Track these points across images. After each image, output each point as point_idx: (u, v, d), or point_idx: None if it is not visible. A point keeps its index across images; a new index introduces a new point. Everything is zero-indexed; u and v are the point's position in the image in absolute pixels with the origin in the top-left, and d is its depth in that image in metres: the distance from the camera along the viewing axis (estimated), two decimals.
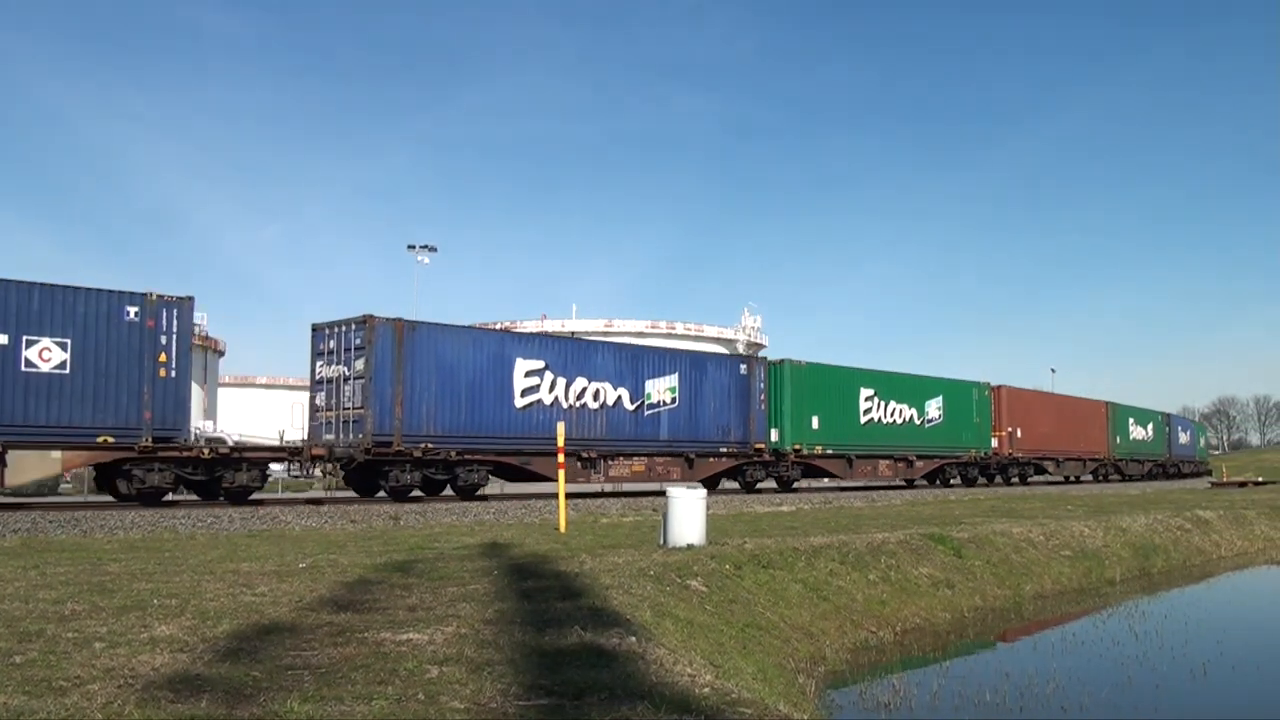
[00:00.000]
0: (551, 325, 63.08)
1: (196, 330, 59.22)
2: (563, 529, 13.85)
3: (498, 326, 50.35)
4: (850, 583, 11.97)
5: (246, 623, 6.20)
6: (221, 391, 64.17)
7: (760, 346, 71.44)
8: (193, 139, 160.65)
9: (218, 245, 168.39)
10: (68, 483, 37.29)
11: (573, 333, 56.98)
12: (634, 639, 6.05)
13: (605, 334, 59.48)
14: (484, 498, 25.92)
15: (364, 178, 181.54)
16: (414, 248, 56.30)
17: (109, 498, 21.26)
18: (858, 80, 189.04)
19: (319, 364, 22.80)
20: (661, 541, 11.69)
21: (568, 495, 15.57)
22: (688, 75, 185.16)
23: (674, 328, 67.75)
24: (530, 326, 60.37)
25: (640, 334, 62.81)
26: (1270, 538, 23.62)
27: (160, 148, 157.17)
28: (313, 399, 22.85)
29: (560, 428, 14.78)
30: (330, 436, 22.15)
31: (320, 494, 30.07)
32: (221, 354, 63.33)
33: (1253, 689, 10.03)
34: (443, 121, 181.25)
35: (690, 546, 11.28)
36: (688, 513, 11.60)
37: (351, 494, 24.86)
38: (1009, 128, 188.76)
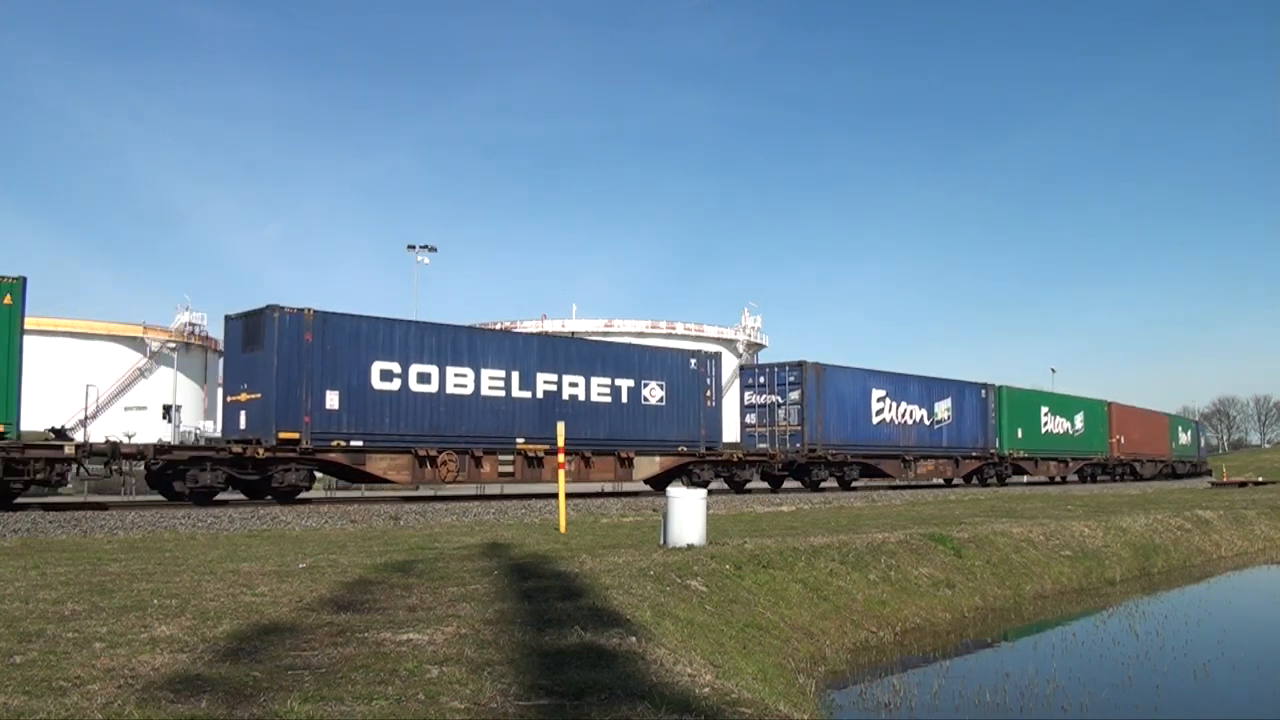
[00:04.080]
0: (552, 325, 63.04)
1: (195, 330, 59.70)
2: (563, 529, 13.85)
3: (497, 326, 50.49)
4: (850, 583, 11.97)
5: (246, 623, 6.20)
6: (221, 391, 64.10)
7: (760, 346, 71.39)
8: (193, 138, 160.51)
9: (218, 245, 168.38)
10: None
11: (573, 333, 56.95)
12: (634, 639, 6.05)
13: (605, 334, 59.45)
14: (486, 498, 26.02)
15: (364, 177, 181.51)
16: (414, 248, 56.30)
17: (111, 497, 21.28)
18: (858, 80, 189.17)
19: (748, 393, 32.81)
20: (661, 541, 11.69)
21: (568, 495, 15.57)
22: (688, 75, 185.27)
23: (674, 328, 67.65)
24: (530, 326, 60.33)
25: (640, 334, 62.76)
26: (1270, 538, 23.62)
27: (160, 148, 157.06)
28: (743, 418, 32.76)
29: (560, 427, 14.75)
30: (764, 445, 31.54)
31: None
32: (221, 354, 63.29)
33: (1253, 689, 10.03)
34: (443, 121, 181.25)
35: (690, 546, 11.27)
36: (688, 513, 11.59)
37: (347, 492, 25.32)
38: (1009, 127, 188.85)
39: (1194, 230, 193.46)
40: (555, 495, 26.86)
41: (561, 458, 14.80)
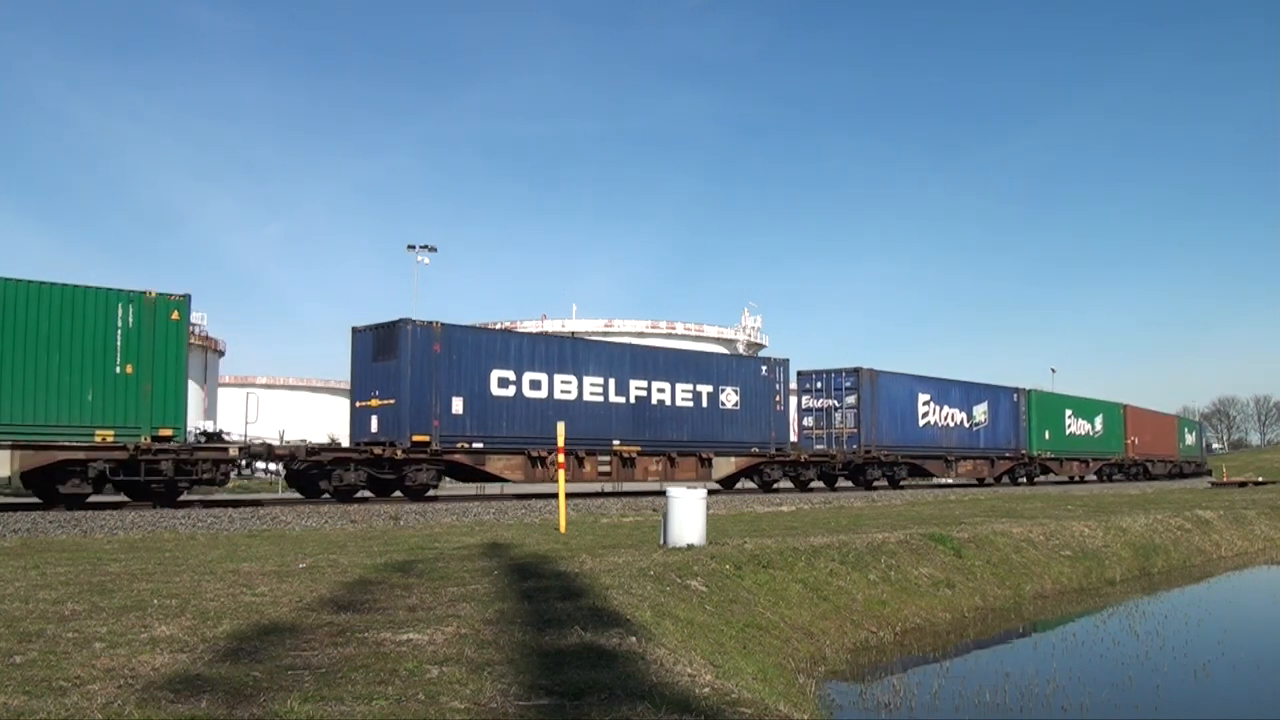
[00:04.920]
0: (551, 325, 63.00)
1: (195, 330, 59.60)
2: (563, 529, 13.84)
3: (498, 326, 50.44)
4: (850, 583, 11.96)
5: (246, 623, 6.20)
6: (221, 391, 64.13)
7: (760, 346, 71.34)
8: (193, 138, 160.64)
9: (218, 245, 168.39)
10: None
11: (573, 333, 56.89)
12: (634, 639, 6.05)
13: (605, 334, 59.41)
14: (485, 498, 26.05)
15: (364, 177, 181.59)
16: (414, 248, 56.16)
17: (118, 498, 21.36)
18: (859, 80, 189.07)
19: (805, 398, 34.74)
20: (661, 541, 11.68)
21: (568, 495, 15.56)
22: (688, 75, 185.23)
23: (674, 328, 67.59)
24: (530, 326, 60.29)
25: (640, 334, 62.73)
26: (1270, 538, 23.61)
27: (160, 147, 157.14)
28: (800, 421, 34.61)
29: (560, 427, 14.73)
30: (821, 447, 33.46)
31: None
32: (221, 354, 63.29)
33: (1253, 689, 10.03)
34: (443, 121, 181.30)
35: (690, 546, 11.27)
36: (688, 513, 11.59)
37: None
38: (1009, 127, 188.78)
39: (1194, 230, 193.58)
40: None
41: (561, 457, 14.79)
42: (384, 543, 11.95)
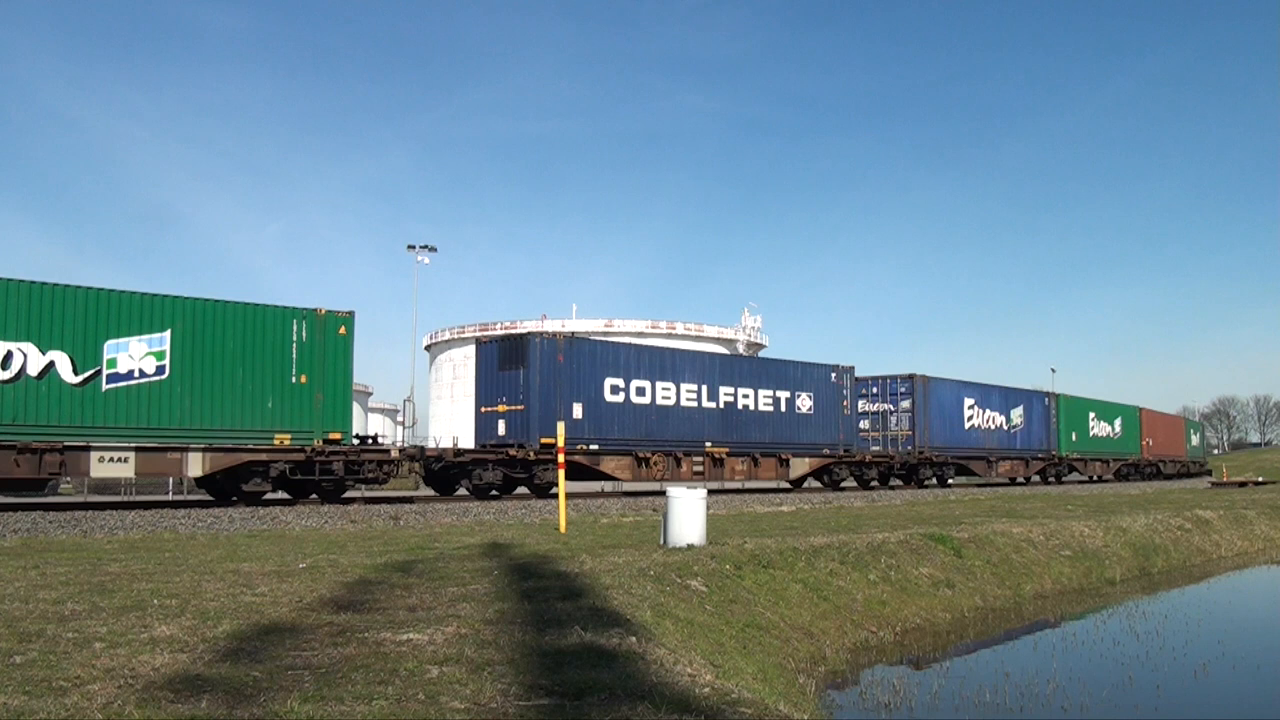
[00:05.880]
0: (551, 325, 62.95)
1: None
2: (563, 529, 13.84)
3: (498, 327, 50.46)
4: (850, 583, 11.96)
5: (246, 623, 6.20)
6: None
7: (760, 346, 71.33)
8: (193, 138, 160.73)
9: (218, 245, 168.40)
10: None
11: (573, 333, 56.88)
12: (634, 639, 6.05)
13: (605, 334, 59.38)
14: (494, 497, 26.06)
15: (364, 177, 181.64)
16: (414, 248, 56.15)
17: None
18: (859, 80, 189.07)
19: (861, 402, 35.80)
20: (662, 541, 11.68)
21: (568, 495, 15.56)
22: (689, 74, 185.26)
23: (674, 328, 67.58)
24: (530, 326, 60.24)
25: (640, 334, 62.71)
26: (1270, 538, 23.60)
27: (160, 147, 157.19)
28: (856, 424, 34.86)
29: (560, 427, 14.74)
30: (877, 448, 35.82)
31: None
32: None
33: (1253, 689, 10.03)
34: (443, 121, 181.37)
35: (690, 546, 11.27)
36: (688, 513, 11.58)
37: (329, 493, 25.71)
38: (1009, 127, 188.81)
39: (1194, 230, 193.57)
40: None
41: (561, 458, 14.78)
42: (384, 543, 11.94)
